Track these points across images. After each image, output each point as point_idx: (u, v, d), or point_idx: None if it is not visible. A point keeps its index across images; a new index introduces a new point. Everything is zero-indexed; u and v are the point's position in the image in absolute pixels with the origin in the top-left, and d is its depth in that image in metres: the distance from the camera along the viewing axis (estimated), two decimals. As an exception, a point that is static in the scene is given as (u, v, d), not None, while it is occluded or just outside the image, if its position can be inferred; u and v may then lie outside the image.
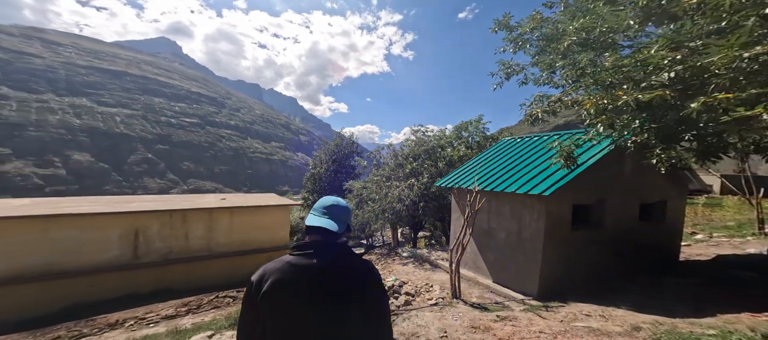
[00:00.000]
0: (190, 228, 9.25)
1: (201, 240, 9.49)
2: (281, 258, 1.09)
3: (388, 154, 9.38)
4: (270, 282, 0.98)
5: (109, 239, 7.77)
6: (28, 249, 6.59)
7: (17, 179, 55.79)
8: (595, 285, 4.64)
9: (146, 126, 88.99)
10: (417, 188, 6.77)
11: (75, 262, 7.22)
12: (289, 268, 1.01)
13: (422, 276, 5.56)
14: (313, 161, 20.33)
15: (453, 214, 6.12)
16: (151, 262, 8.38)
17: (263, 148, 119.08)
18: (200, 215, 9.48)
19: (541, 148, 5.70)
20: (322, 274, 1.01)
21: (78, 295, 6.99)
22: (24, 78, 78.32)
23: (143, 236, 8.37)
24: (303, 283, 0.99)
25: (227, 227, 10.16)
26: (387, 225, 12.15)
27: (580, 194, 4.94)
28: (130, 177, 70.81)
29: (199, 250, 9.40)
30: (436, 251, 6.95)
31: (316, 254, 1.03)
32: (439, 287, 4.90)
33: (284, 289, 0.97)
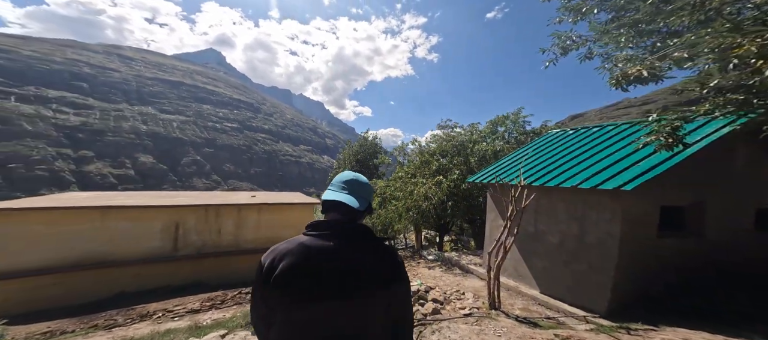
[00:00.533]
0: (222, 223, 9.76)
1: (230, 236, 9.95)
2: (294, 238, 0.95)
3: (413, 151, 8.87)
4: (283, 266, 0.87)
5: (153, 231, 8.46)
6: (88, 238, 7.40)
7: (97, 177, 65.93)
8: (690, 308, 3.63)
9: (196, 131, 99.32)
10: (446, 185, 6.19)
11: (125, 251, 7.97)
12: (302, 249, 0.89)
13: (451, 282, 5.01)
14: (337, 161, 20.56)
15: (488, 214, 5.46)
16: (188, 255, 8.96)
17: (293, 151, 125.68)
18: (231, 211, 9.95)
19: (615, 136, 4.72)
20: (340, 257, 0.88)
21: (126, 283, 7.68)
22: (105, 90, 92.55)
23: (182, 229, 8.99)
24: (317, 266, 0.87)
25: (255, 224, 10.55)
26: (410, 226, 11.66)
27: (670, 192, 3.95)
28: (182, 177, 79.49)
29: (228, 245, 9.87)
30: (466, 254, 6.31)
31: (334, 235, 0.91)
32: (472, 295, 4.32)
33: (296, 272, 0.86)
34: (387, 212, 8.64)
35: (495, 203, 5.29)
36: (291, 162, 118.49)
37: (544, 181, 4.56)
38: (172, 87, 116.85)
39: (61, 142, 68.42)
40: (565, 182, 4.26)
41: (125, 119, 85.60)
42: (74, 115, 77.14)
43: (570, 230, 4.29)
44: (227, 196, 12.71)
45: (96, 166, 68.99)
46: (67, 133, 71.37)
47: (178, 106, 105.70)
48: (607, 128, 5.14)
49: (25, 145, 61.77)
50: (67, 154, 67.39)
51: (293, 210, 11.71)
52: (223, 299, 5.50)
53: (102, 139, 75.19)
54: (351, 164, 18.87)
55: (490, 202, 5.40)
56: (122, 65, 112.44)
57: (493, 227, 5.35)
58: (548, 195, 4.50)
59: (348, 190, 0.97)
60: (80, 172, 65.91)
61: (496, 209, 5.28)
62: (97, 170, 68.37)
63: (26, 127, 65.37)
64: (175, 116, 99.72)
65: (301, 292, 0.85)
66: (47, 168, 60.74)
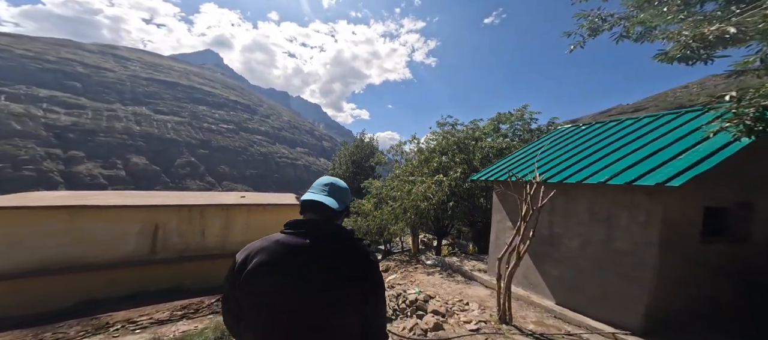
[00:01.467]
0: (207, 225, 9.16)
1: (217, 238, 9.35)
2: (270, 236, 0.97)
3: (411, 150, 8.40)
4: (255, 262, 0.88)
5: (129, 233, 7.84)
6: (55, 240, 6.77)
7: (87, 178, 64.45)
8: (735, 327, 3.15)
9: (191, 132, 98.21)
10: (446, 184, 5.71)
11: (98, 255, 7.34)
12: (277, 247, 0.90)
13: (453, 290, 4.50)
14: (332, 163, 20.06)
15: (495, 215, 4.93)
16: (168, 258, 8.34)
17: (289, 154, 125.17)
18: (217, 212, 9.37)
19: (652, 128, 4.18)
20: (316, 255, 0.89)
21: (98, 289, 7.04)
22: (99, 90, 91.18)
23: (163, 230, 8.38)
24: (293, 264, 0.87)
25: (243, 225, 9.96)
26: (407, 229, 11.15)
27: (714, 191, 3.45)
28: (176, 179, 78.19)
29: (214, 248, 9.26)
30: (468, 259, 5.80)
31: (310, 233, 0.93)
32: (477, 306, 3.84)
33: (271, 270, 0.86)
34: (383, 213, 8.14)
35: (502, 203, 4.83)
36: (287, 164, 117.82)
37: (564, 176, 4.03)
38: (167, 87, 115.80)
39: (50, 142, 66.94)
40: (590, 178, 3.72)
41: (118, 119, 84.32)
42: (65, 115, 75.73)
43: (594, 233, 3.78)
44: (214, 196, 12.11)
45: (86, 167, 67.52)
46: (57, 133, 69.92)
47: (173, 107, 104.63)
48: (643, 121, 4.50)
49: (12, 145, 60.24)
50: (57, 154, 65.90)
51: (284, 211, 11.14)
52: (199, 307, 4.94)
53: (93, 140, 73.82)
54: (347, 166, 18.38)
55: (496, 202, 4.93)
56: (117, 65, 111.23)
57: (499, 229, 4.88)
58: (567, 193, 3.98)
59: (327, 192, 1.01)
60: (69, 172, 64.42)
61: (503, 210, 4.82)
62: (87, 171, 66.91)
63: (15, 126, 63.86)
64: (169, 117, 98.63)
65: (275, 287, 0.85)
66: (35, 168, 59.22)
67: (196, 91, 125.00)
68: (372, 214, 9.04)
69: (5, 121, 62.82)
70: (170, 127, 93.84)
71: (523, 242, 3.28)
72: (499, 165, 5.16)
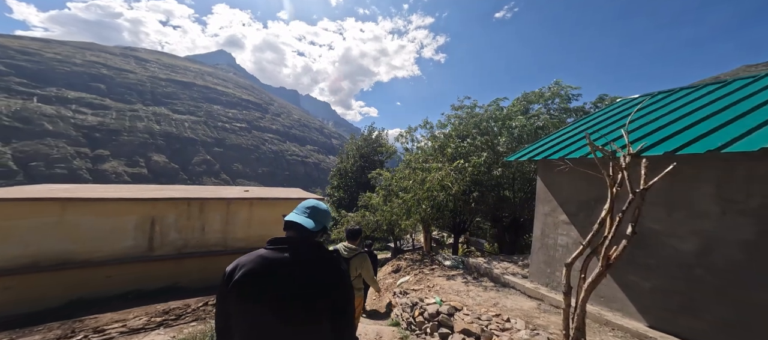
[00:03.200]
0: (207, 219, 8.67)
1: (218, 233, 8.85)
2: (255, 251, 1.11)
3: (424, 136, 7.42)
4: (241, 273, 1.01)
5: (125, 228, 7.43)
6: (45, 235, 6.39)
7: (112, 176, 67.70)
8: None
9: (207, 131, 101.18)
10: (470, 171, 4.73)
11: (91, 251, 6.96)
12: (260, 260, 1.06)
13: (484, 300, 3.56)
14: (340, 156, 19.38)
15: (540, 206, 3.87)
16: (165, 255, 7.90)
17: (299, 152, 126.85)
18: (218, 206, 8.85)
19: None
20: (293, 268, 1.04)
21: (90, 288, 6.66)
22: (122, 91, 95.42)
23: (160, 225, 7.94)
24: (273, 275, 1.02)
25: (246, 220, 9.42)
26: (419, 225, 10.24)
27: None
28: (193, 176, 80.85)
29: (215, 244, 8.77)
30: (496, 260, 4.79)
31: (289, 249, 1.08)
32: (523, 324, 2.87)
33: (254, 280, 1.00)
34: (392, 207, 7.28)
35: (552, 190, 3.76)
36: (297, 162, 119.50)
37: (679, 145, 2.74)
38: (184, 88, 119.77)
39: (79, 141, 70.73)
40: (736, 142, 2.43)
41: (140, 119, 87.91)
42: (92, 116, 79.75)
43: (725, 229, 2.65)
44: (215, 190, 11.70)
45: (111, 165, 70.92)
46: (85, 133, 73.77)
47: (189, 107, 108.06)
48: None
49: (45, 144, 64.03)
50: (85, 153, 69.58)
51: (288, 205, 10.53)
52: (183, 313, 4.32)
53: (117, 139, 77.34)
54: (354, 159, 17.63)
55: (542, 189, 3.88)
56: (138, 67, 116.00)
57: (548, 224, 3.82)
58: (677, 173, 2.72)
59: (307, 214, 1.18)
60: (96, 170, 67.90)
61: (554, 199, 3.73)
62: (112, 169, 70.30)
63: (47, 126, 67.82)
64: (186, 116, 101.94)
65: (258, 294, 0.99)
66: (66, 166, 62.75)
67: (211, 91, 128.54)
68: (381, 208, 8.21)
69: (38, 122, 66.79)
70: (187, 127, 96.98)
71: (609, 241, 2.21)
72: (550, 139, 4.00)
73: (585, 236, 3.20)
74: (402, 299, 4.18)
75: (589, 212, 3.29)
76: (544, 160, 3.79)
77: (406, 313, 3.81)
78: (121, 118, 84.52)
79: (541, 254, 3.84)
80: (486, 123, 5.47)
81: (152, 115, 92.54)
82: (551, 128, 5.03)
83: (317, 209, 1.20)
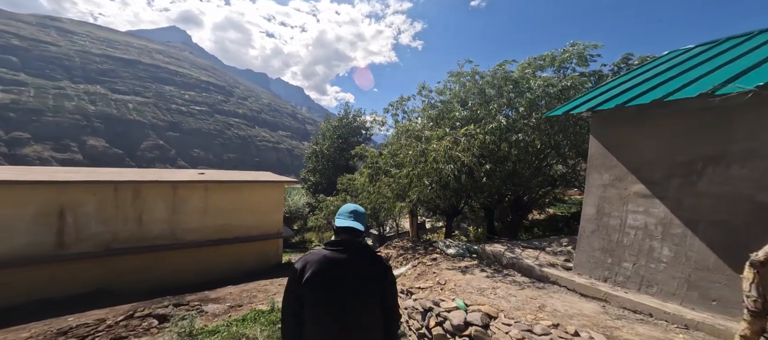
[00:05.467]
0: (145, 207, 6.85)
1: (161, 224, 7.09)
2: (318, 251, 1.39)
3: (418, 105, 6.43)
4: (311, 271, 1.29)
5: (20, 220, 5.45)
6: None
7: (36, 161, 56.98)
8: None
9: (157, 113, 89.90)
10: (480, 140, 3.79)
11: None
12: (325, 260, 1.33)
13: (521, 301, 2.60)
14: (315, 137, 17.76)
15: (596, 176, 2.99)
16: (85, 253, 6.06)
17: (271, 137, 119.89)
18: (160, 191, 7.04)
19: None
20: (350, 265, 1.34)
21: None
22: (41, 65, 79.81)
23: (73, 216, 6.02)
24: (337, 272, 1.32)
25: (200, 208, 7.73)
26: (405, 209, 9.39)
27: None
28: (142, 163, 71.49)
29: (158, 237, 7.03)
30: (518, 247, 3.93)
31: (346, 251, 1.36)
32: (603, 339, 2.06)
33: (322, 276, 1.29)
34: (380, 187, 6.25)
35: (619, 153, 2.86)
36: (268, 148, 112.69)
37: None
38: (125, 65, 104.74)
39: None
40: None
41: (68, 98, 74.80)
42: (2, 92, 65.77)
43: None
44: (158, 172, 9.67)
45: (34, 150, 59.70)
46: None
47: (133, 87, 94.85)
48: None
49: (-66, 126, 51.42)
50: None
51: (257, 190, 8.95)
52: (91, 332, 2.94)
53: (39, 120, 65.07)
54: (331, 140, 16.17)
55: (599, 152, 2.99)
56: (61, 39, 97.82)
57: (608, 199, 2.92)
58: None
59: (353, 218, 1.43)
60: (14, 155, 56.65)
61: (621, 165, 2.84)
62: (35, 154, 59.25)
63: (-65, 104, 54.45)
64: (130, 97, 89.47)
65: (325, 289, 1.28)
66: (-34, 153, 51.26)
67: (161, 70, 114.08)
68: (366, 190, 7.14)
69: None
70: (132, 108, 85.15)
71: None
72: (612, 86, 3.10)
73: (684, 213, 2.41)
74: (406, 301, 3.25)
75: (695, 177, 2.37)
76: (602, 116, 2.92)
77: (416, 321, 2.88)
78: (42, 96, 71.01)
79: (597, 238, 2.98)
80: (498, 86, 4.62)
81: (85, 95, 79.33)
82: (582, 88, 4.35)
83: (359, 212, 1.47)
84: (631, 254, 2.77)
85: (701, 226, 2.41)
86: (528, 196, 5.74)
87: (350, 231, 1.41)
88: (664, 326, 2.28)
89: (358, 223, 1.41)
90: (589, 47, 4.54)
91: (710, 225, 2.36)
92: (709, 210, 2.33)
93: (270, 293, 6.29)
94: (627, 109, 2.69)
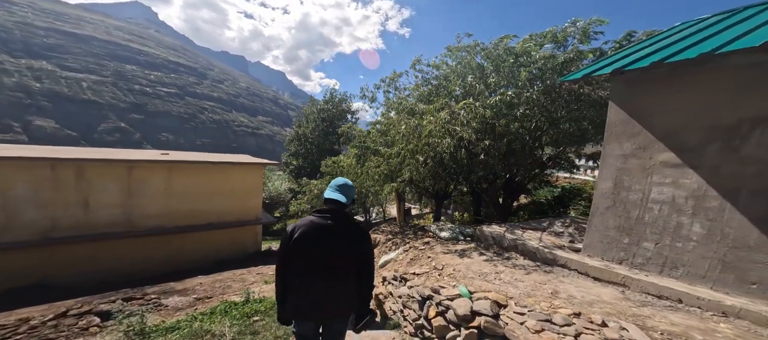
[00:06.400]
0: (92, 190, 5.88)
1: (114, 209, 6.15)
2: (307, 217, 1.63)
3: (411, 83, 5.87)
4: (300, 233, 1.54)
5: None
6: None
7: (-32, 147, 49.97)
8: None
9: (117, 94, 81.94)
10: (480, 114, 3.32)
11: None
12: (312, 224, 1.56)
13: (530, 286, 2.26)
14: (298, 120, 16.75)
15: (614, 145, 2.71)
16: (19, 242, 5.08)
17: (249, 122, 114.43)
18: (110, 171, 6.06)
19: None
20: (333, 229, 1.57)
21: None
22: (-30, 35, 69.10)
23: (1, 199, 5.00)
24: (321, 234, 1.55)
25: (162, 191, 6.83)
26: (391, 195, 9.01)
27: None
28: (101, 146, 65.12)
29: (109, 224, 6.11)
30: (518, 229, 3.63)
31: (332, 218, 1.58)
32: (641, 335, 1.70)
33: (308, 237, 1.54)
34: (368, 169, 5.79)
35: (644, 119, 2.55)
36: (247, 133, 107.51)
37: None
38: (77, 41, 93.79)
39: None
40: None
41: (7, 74, 65.72)
42: None
43: None
44: (110, 151, 8.53)
45: (-36, 132, 52.27)
46: None
47: (87, 64, 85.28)
48: None
49: None
50: None
51: (232, 172, 8.11)
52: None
53: (-30, 98, 56.84)
54: (315, 123, 15.29)
55: (620, 119, 2.68)
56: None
57: (628, 170, 2.61)
58: None
59: (340, 191, 1.67)
60: (-62, 139, 49.25)
61: (646, 131, 2.52)
62: (-34, 137, 51.90)
63: None
64: (83, 75, 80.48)
65: (311, 247, 1.54)
66: None
67: (121, 48, 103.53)
68: (353, 171, 6.65)
69: None
70: (86, 87, 76.70)
71: None
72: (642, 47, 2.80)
73: (722, 182, 2.12)
74: (401, 289, 2.89)
75: (738, 141, 2.09)
76: (627, 78, 2.62)
77: (412, 311, 2.53)
78: (-28, 70, 61.87)
79: (612, 216, 2.65)
80: (499, 59, 4.23)
81: (27, 70, 70.11)
82: (583, 62, 4.09)
83: (347, 186, 1.69)
84: (653, 232, 2.49)
85: (743, 196, 2.12)
86: (520, 176, 5.58)
87: (335, 202, 1.63)
88: (699, 313, 2.03)
89: (343, 195, 1.64)
90: (594, 23, 4.28)
91: (754, 195, 2.06)
92: (755, 178, 2.06)
93: (247, 282, 5.72)
94: (657, 70, 2.40)
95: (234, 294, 4.17)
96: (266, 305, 3.25)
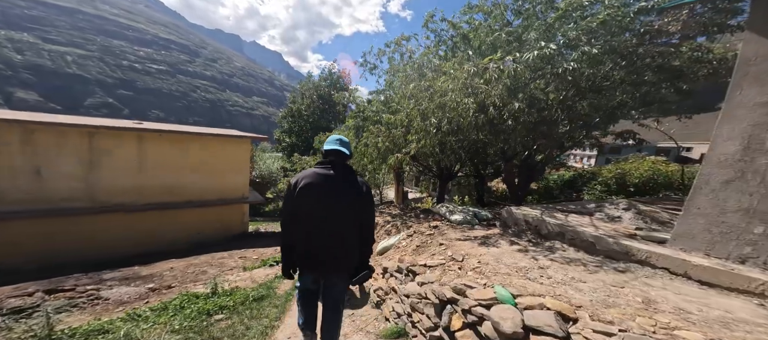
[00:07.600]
0: (44, 159, 5.05)
1: (73, 182, 5.34)
2: (310, 168, 1.67)
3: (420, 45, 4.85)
4: (304, 183, 1.57)
5: None
6: None
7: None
8: None
9: (105, 69, 78.73)
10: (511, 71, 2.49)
11: None
12: (315, 174, 1.60)
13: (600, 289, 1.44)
14: (292, 95, 15.69)
15: (753, 90, 1.75)
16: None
17: (244, 102, 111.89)
18: (66, 138, 5.21)
19: None
20: (335, 179, 1.61)
21: None
22: (-59, 2, 64.87)
23: None
24: (324, 184, 1.58)
25: (132, 163, 5.99)
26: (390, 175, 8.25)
27: None
28: (90, 126, 63.22)
29: (68, 198, 5.32)
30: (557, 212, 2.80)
31: (333, 168, 1.62)
32: None
33: (311, 186, 1.57)
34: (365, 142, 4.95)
35: None
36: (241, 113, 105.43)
37: None
38: (61, 13, 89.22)
39: None
40: None
41: (-16, 44, 62.44)
42: None
43: None
44: (67, 118, 7.59)
45: (-60, 105, 50.06)
46: None
47: (71, 38, 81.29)
48: None
49: None
50: None
51: (214, 146, 7.24)
52: None
53: (-55, 68, 54.10)
54: (311, 99, 14.28)
55: (764, 52, 1.74)
56: (-31, -29, 79.79)
57: None
58: None
59: (339, 144, 1.71)
60: None
61: None
62: (-57, 112, 49.65)
63: None
64: (68, 48, 76.89)
65: (314, 196, 1.57)
66: None
67: (108, 22, 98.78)
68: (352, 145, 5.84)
69: None
70: (71, 61, 73.39)
71: None
72: None
73: None
74: (407, 285, 2.21)
75: None
76: None
77: (425, 317, 1.89)
78: (-53, 39, 58.61)
79: (733, 193, 1.85)
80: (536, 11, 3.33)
81: (7, 42, 66.57)
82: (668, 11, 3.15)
83: (344, 140, 1.74)
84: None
85: None
86: (542, 155, 4.87)
87: (336, 153, 1.68)
88: None
89: (343, 147, 1.70)
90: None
91: None
92: None
93: (225, 268, 5.03)
94: None
95: (202, 284, 3.49)
96: (236, 299, 2.58)
